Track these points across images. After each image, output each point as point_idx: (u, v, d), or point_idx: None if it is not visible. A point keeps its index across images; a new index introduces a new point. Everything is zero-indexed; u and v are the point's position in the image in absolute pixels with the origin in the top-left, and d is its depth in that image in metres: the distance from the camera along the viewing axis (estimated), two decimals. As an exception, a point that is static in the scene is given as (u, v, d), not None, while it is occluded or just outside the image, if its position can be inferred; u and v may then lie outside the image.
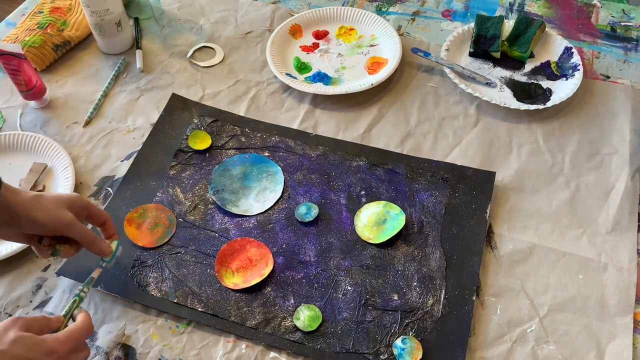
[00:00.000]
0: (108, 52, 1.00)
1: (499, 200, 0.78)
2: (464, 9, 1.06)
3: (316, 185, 0.80)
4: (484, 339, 0.66)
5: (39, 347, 0.53)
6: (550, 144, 0.84)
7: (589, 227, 0.75)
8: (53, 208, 0.59)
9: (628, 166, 0.80)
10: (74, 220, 0.60)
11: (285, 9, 1.08)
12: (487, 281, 0.70)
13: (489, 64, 0.95)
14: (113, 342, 0.67)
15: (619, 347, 0.65)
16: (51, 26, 0.98)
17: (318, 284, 0.71)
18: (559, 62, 0.93)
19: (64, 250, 0.62)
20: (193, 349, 0.66)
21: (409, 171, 0.81)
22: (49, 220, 0.58)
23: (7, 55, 0.84)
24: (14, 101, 0.94)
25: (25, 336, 0.53)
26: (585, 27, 1.01)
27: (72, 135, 0.89)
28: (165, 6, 1.08)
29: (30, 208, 0.58)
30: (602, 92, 0.90)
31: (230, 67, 0.98)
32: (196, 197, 0.80)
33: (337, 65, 0.96)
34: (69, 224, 0.60)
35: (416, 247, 0.73)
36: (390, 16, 1.05)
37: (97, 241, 0.63)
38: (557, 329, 0.66)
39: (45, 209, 0.58)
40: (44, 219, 0.58)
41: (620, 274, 0.70)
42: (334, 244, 0.74)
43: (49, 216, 0.58)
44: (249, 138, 0.86)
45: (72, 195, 0.63)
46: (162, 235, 0.76)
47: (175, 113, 0.90)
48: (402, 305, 0.68)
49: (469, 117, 0.88)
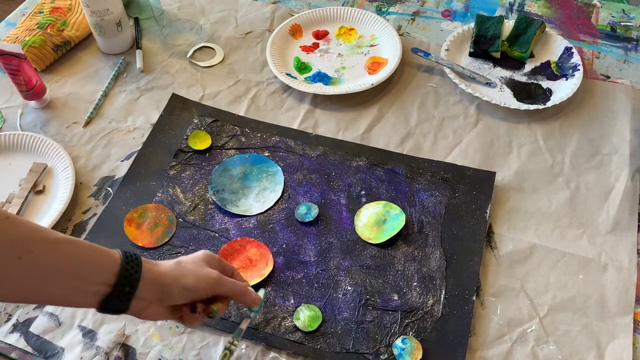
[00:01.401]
0: (108, 52, 1.00)
1: (499, 200, 0.78)
2: (464, 9, 1.06)
3: (316, 185, 0.80)
4: (484, 339, 0.66)
5: None
6: (550, 144, 0.84)
7: (589, 227, 0.75)
8: (197, 269, 0.55)
9: (628, 166, 0.80)
10: (221, 276, 0.56)
11: (285, 9, 1.08)
12: (487, 281, 0.70)
13: (489, 64, 0.95)
14: (113, 342, 0.67)
15: (619, 347, 0.65)
16: (51, 26, 0.98)
17: (318, 284, 0.71)
18: (559, 62, 0.93)
19: (220, 308, 0.57)
20: (193, 349, 0.66)
21: (409, 171, 0.81)
22: (200, 283, 0.54)
23: (7, 55, 0.84)
24: (14, 101, 0.94)
25: None
26: (585, 27, 1.01)
27: (72, 135, 0.89)
28: (165, 6, 1.08)
29: (178, 276, 0.53)
30: (602, 92, 0.90)
31: (230, 67, 0.98)
32: (196, 197, 0.80)
33: (337, 65, 0.96)
34: (218, 281, 0.56)
35: (416, 247, 0.73)
36: (390, 16, 1.05)
37: (247, 292, 0.59)
38: (557, 329, 0.66)
39: (192, 273, 0.54)
40: (195, 283, 0.54)
41: (620, 274, 0.70)
42: (334, 244, 0.74)
43: (198, 279, 0.54)
44: (249, 138, 0.86)
45: (205, 252, 0.58)
46: (162, 235, 0.76)
47: (175, 113, 0.90)
48: (402, 305, 0.68)
49: (469, 117, 0.88)
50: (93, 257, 0.49)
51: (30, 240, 0.46)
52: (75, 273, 0.48)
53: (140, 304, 0.51)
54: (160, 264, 0.54)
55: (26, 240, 0.46)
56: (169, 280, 0.53)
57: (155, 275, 0.52)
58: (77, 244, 0.49)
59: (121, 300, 0.50)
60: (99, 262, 0.50)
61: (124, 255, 0.51)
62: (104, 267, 0.49)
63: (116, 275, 0.49)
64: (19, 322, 0.69)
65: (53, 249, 0.47)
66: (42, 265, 0.46)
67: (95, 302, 0.49)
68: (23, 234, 0.46)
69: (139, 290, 0.50)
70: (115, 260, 0.50)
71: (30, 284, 0.46)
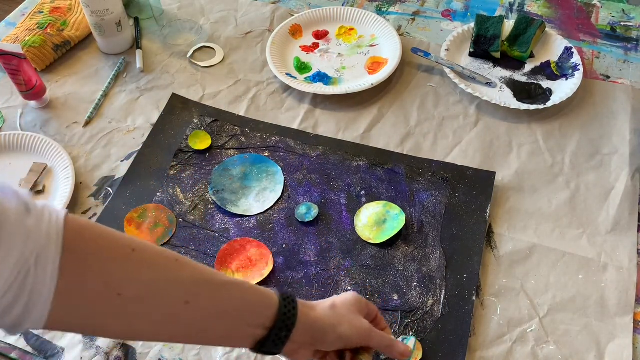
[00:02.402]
0: (108, 52, 1.00)
1: (499, 200, 0.78)
2: (464, 9, 1.06)
3: (316, 185, 0.80)
4: (484, 339, 0.66)
5: None
6: (550, 144, 0.84)
7: (589, 227, 0.75)
8: (352, 318, 0.53)
9: (628, 166, 0.80)
10: (372, 328, 0.54)
11: (285, 9, 1.08)
12: (487, 281, 0.70)
13: (489, 64, 0.95)
14: (113, 342, 0.67)
15: (619, 347, 0.65)
16: (51, 26, 0.98)
17: (318, 284, 0.71)
18: (559, 62, 0.93)
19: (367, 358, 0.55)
20: (193, 349, 0.66)
21: (409, 171, 0.81)
22: (354, 334, 0.52)
23: (7, 55, 0.84)
24: (14, 101, 0.94)
25: None
26: (585, 27, 1.01)
27: (72, 135, 0.89)
28: (165, 6, 1.08)
29: (334, 323, 0.52)
30: (602, 92, 0.90)
31: (230, 67, 0.98)
32: (196, 197, 0.80)
33: (337, 65, 0.96)
34: (369, 333, 0.54)
35: (416, 247, 0.73)
36: (390, 16, 1.05)
37: (396, 344, 0.56)
38: (557, 329, 0.66)
39: (348, 322, 0.53)
40: (349, 334, 0.52)
41: (620, 274, 0.70)
42: (334, 244, 0.74)
43: (353, 329, 0.52)
44: (249, 138, 0.86)
45: (355, 296, 0.56)
46: (162, 235, 0.76)
47: (175, 113, 0.90)
48: (402, 305, 0.68)
49: (469, 117, 0.88)
50: (254, 300, 0.49)
51: (198, 283, 0.45)
52: (237, 316, 0.47)
53: (293, 346, 0.51)
54: (316, 307, 0.53)
55: (194, 284, 0.45)
56: (325, 326, 0.52)
57: (311, 321, 0.51)
58: (240, 287, 0.48)
59: (276, 344, 0.49)
60: (260, 304, 0.49)
61: (281, 297, 0.50)
62: (263, 310, 0.48)
63: (273, 319, 0.48)
64: (19, 322, 0.69)
65: (219, 292, 0.46)
66: (208, 309, 0.46)
67: (250, 343, 0.49)
68: (191, 276, 0.45)
69: (294, 335, 0.49)
70: (273, 303, 0.49)
71: (195, 326, 0.46)
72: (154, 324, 0.44)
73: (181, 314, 0.45)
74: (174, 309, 0.44)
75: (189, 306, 0.44)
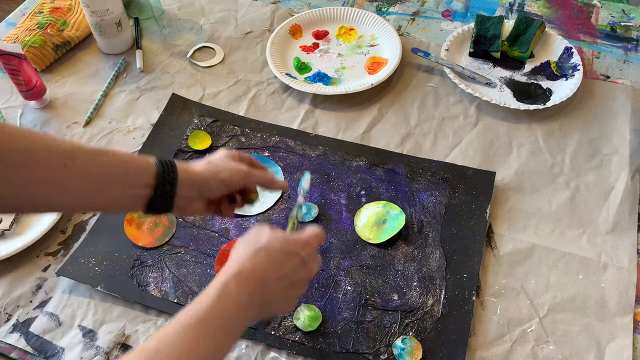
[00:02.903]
0: (108, 52, 1.00)
1: (499, 200, 0.78)
2: (464, 9, 1.06)
3: (316, 185, 0.80)
4: (484, 339, 0.66)
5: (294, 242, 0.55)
6: (550, 144, 0.84)
7: (589, 227, 0.75)
8: (229, 164, 0.59)
9: (628, 166, 0.80)
10: (250, 169, 0.60)
11: (285, 9, 1.08)
12: (487, 281, 0.70)
13: (489, 64, 0.95)
14: (113, 342, 0.67)
15: (619, 347, 0.65)
16: (51, 26, 0.98)
17: (318, 284, 0.71)
18: (559, 62, 0.93)
19: (255, 195, 0.63)
20: (193, 349, 0.66)
21: (409, 171, 0.81)
22: (234, 176, 0.58)
23: (7, 55, 0.84)
24: (14, 101, 0.94)
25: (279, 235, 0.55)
26: (585, 27, 1.01)
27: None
28: (165, 6, 1.08)
29: (213, 172, 0.58)
30: (602, 92, 0.90)
31: (230, 67, 0.98)
32: (196, 197, 0.80)
33: (337, 65, 0.96)
34: (248, 173, 0.60)
35: (416, 247, 0.73)
36: (390, 16, 1.06)
37: (276, 178, 0.63)
38: (557, 329, 0.66)
39: (225, 168, 0.59)
40: (229, 177, 0.58)
41: (620, 274, 0.70)
42: (334, 244, 0.74)
43: (231, 172, 0.58)
44: (249, 138, 0.86)
45: (225, 150, 0.62)
46: (162, 235, 0.76)
47: (175, 113, 0.90)
48: (402, 305, 0.68)
49: (469, 117, 0.88)
50: (133, 163, 0.53)
51: (74, 150, 0.49)
52: (120, 179, 0.51)
53: (183, 201, 0.55)
54: (195, 165, 0.58)
55: (71, 151, 0.49)
56: (206, 177, 0.57)
57: (192, 175, 0.56)
58: (118, 154, 0.52)
59: (165, 200, 0.53)
60: (139, 167, 0.53)
61: (158, 160, 0.54)
62: (143, 171, 0.53)
63: (155, 176, 0.53)
64: (19, 322, 0.69)
65: (98, 157, 0.50)
66: (88, 171, 0.49)
67: (142, 204, 0.53)
68: (69, 145, 0.49)
69: (179, 189, 0.54)
70: (151, 165, 0.53)
71: (81, 191, 0.49)
72: (39, 189, 0.47)
73: (64, 179, 0.48)
74: (54, 174, 0.47)
75: (67, 169, 0.48)
